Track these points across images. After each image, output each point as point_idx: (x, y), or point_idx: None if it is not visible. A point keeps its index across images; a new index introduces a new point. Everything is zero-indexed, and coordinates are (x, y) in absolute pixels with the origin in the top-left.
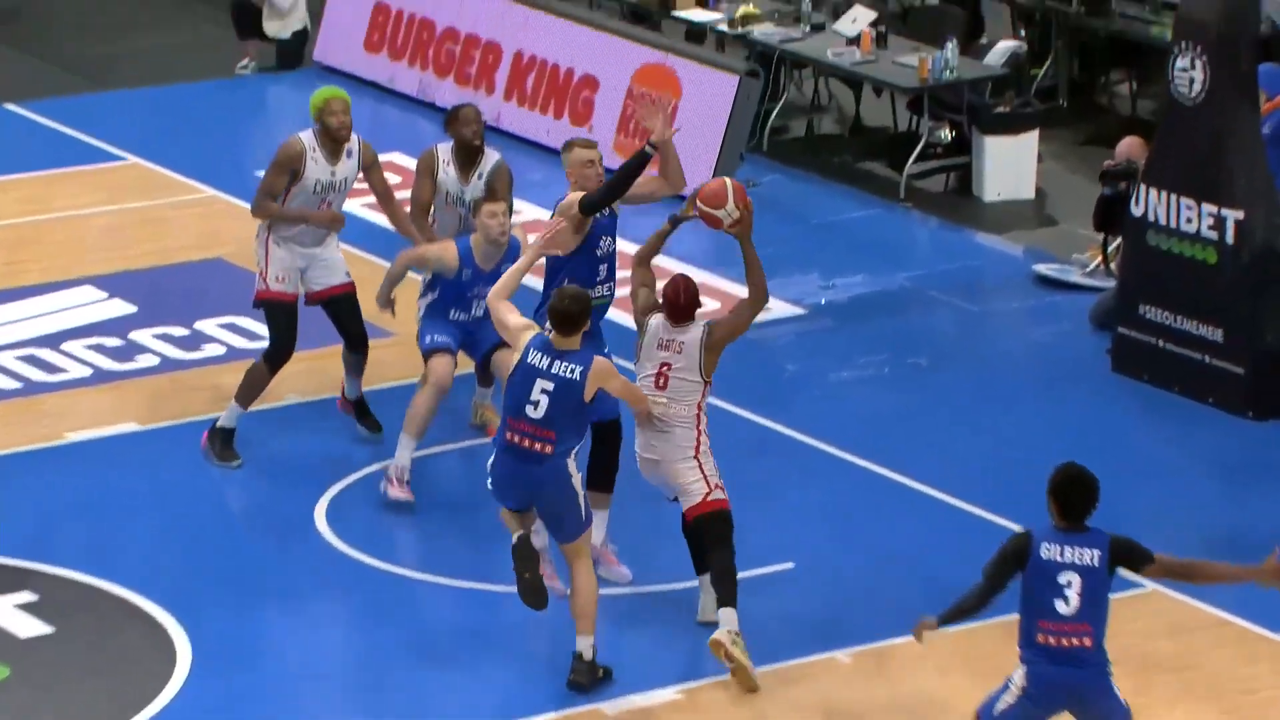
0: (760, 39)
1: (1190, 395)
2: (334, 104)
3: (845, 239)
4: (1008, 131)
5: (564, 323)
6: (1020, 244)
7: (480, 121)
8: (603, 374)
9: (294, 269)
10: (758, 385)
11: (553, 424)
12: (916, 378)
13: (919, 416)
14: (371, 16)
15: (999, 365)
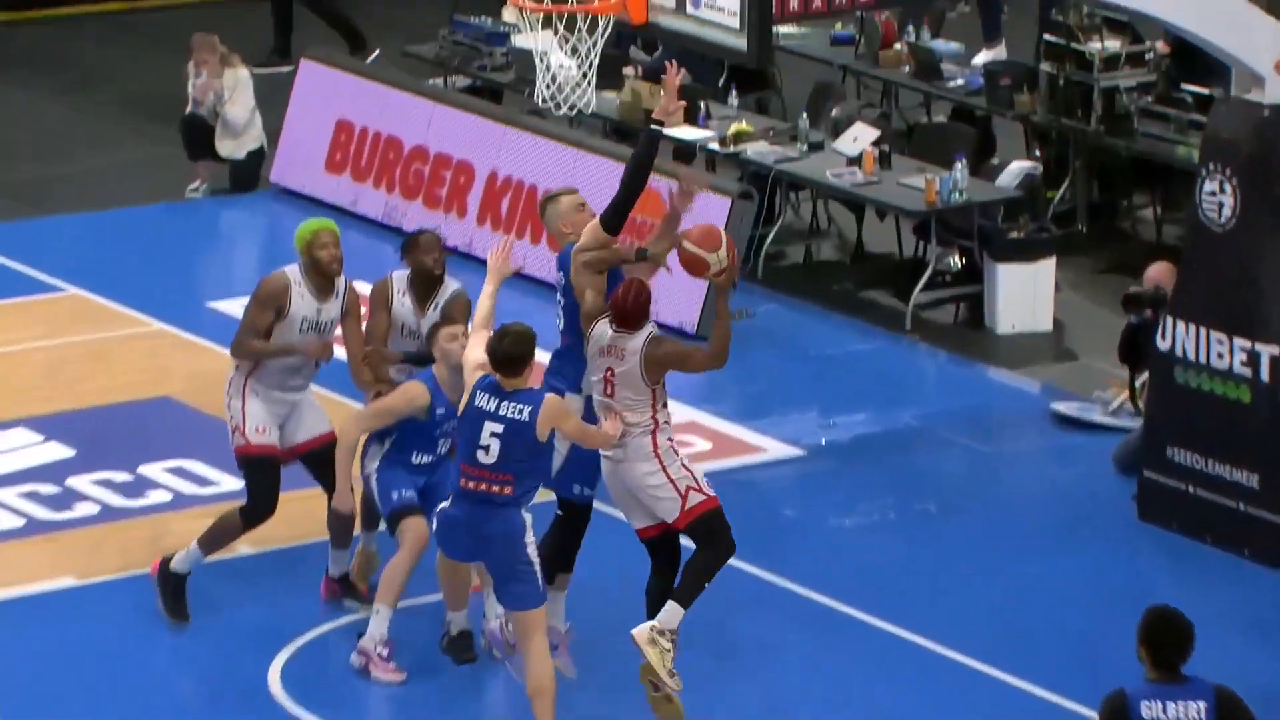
0: (754, 158)
1: (1223, 546)
2: (324, 236)
3: (847, 373)
4: (1022, 259)
5: (505, 364)
6: (1037, 380)
7: (442, 248)
8: (555, 414)
9: (273, 419)
10: (752, 532)
11: (507, 467)
12: (925, 525)
13: (927, 568)
14: (333, 135)
15: (1014, 512)
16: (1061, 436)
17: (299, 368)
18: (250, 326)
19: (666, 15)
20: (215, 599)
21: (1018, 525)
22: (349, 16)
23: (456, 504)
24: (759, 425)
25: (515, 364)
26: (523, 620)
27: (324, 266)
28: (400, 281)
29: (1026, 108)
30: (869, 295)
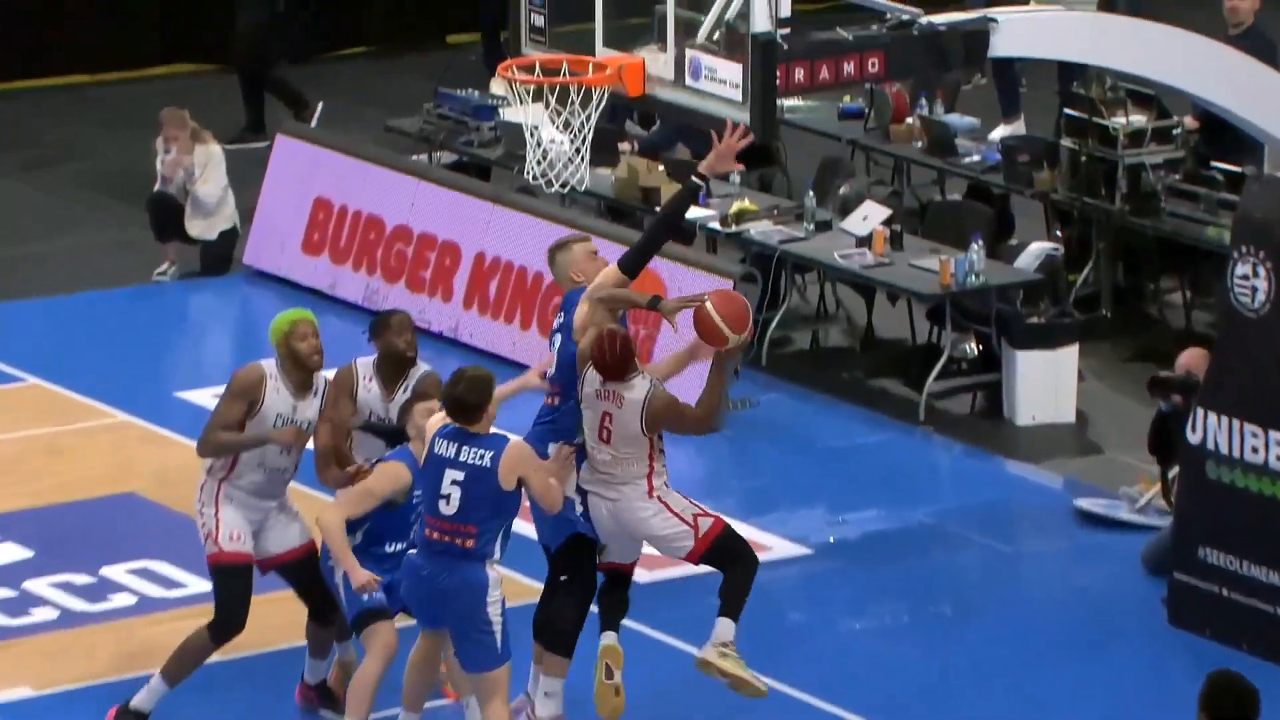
0: (757, 238)
1: (1260, 654)
2: (302, 326)
3: (856, 467)
4: (1043, 345)
5: (458, 410)
6: (1059, 474)
7: (414, 330)
8: (518, 460)
9: (248, 526)
10: (756, 636)
11: (469, 518)
12: (940, 630)
13: (942, 675)
14: (310, 214)
15: (1035, 616)
16: (1086, 535)
17: (278, 470)
18: (219, 421)
19: (664, 88)
20: (182, 710)
21: (1039, 630)
22: (284, 80)
23: (420, 553)
24: (763, 522)
25: (469, 411)
26: (481, 683)
27: (303, 359)
28: (365, 367)
29: (1047, 185)
30: (880, 384)
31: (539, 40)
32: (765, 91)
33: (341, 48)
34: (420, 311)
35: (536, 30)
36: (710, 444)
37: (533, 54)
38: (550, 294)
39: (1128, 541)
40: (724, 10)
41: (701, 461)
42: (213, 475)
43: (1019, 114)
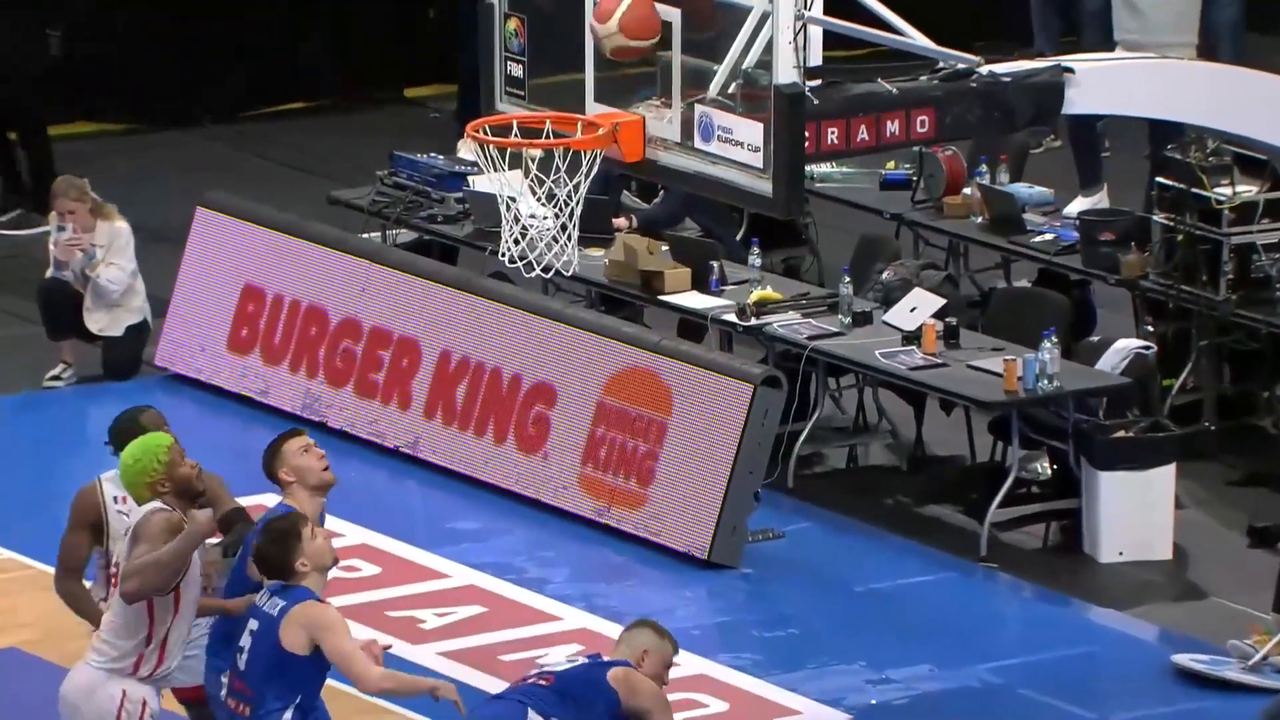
0: (782, 334)
1: None
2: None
3: (904, 613)
4: (1131, 465)
5: (264, 567)
6: (1152, 624)
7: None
8: (310, 620)
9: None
10: None
11: (249, 679)
12: None
13: None
14: (238, 304)
15: None
16: (1188, 698)
17: None
18: None
19: (669, 151)
20: None
21: None
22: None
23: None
24: (789, 680)
25: (272, 567)
26: None
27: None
28: (115, 485)
29: (1135, 270)
30: (932, 512)
31: (517, 95)
32: (792, 156)
33: (276, 102)
34: (372, 423)
35: (514, 82)
36: (725, 584)
37: (509, 111)
38: (530, 401)
39: (1238, 706)
40: (741, 58)
41: (715, 606)
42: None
43: (1101, 184)
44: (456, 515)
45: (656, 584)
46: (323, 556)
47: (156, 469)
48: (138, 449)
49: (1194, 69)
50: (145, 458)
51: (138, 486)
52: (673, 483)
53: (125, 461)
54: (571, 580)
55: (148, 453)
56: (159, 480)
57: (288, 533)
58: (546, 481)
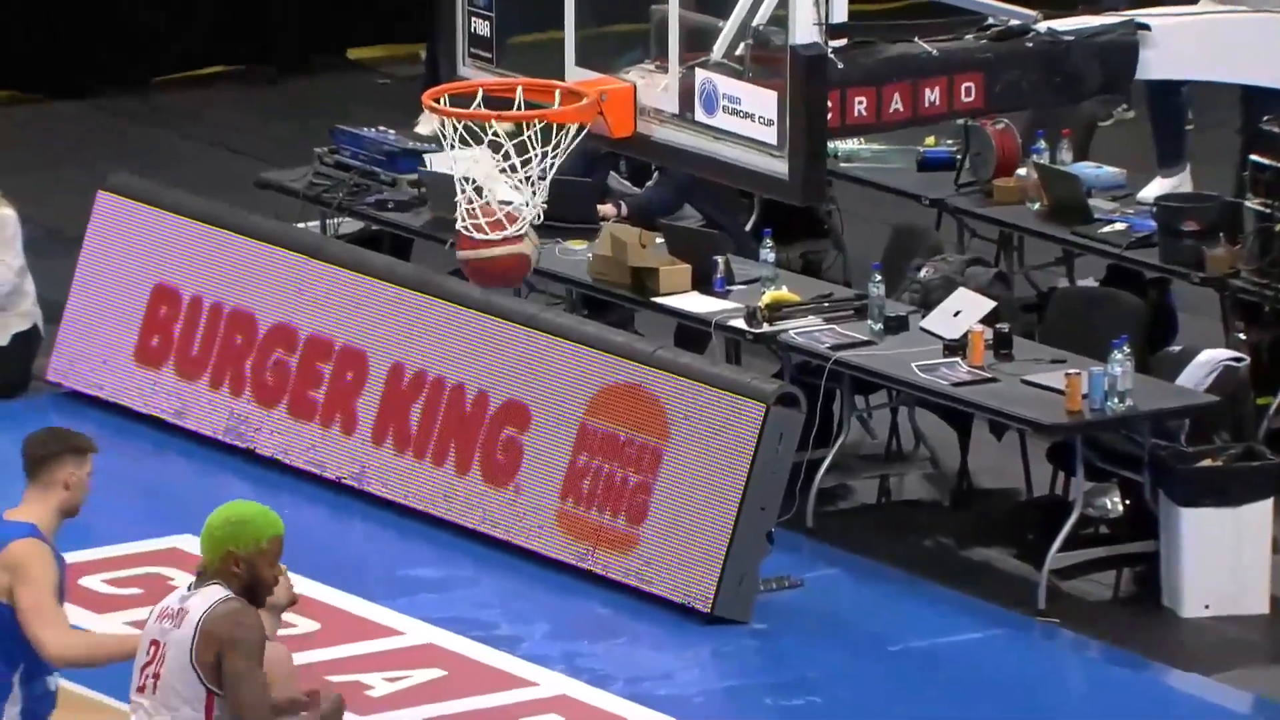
0: (801, 342)
1: None
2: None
3: (947, 677)
4: (1220, 501)
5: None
6: (1246, 691)
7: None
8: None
9: None
10: None
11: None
12: None
13: None
14: (148, 308)
15: None
16: None
17: None
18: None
19: (664, 125)
20: None
21: None
22: None
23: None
24: None
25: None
26: None
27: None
28: None
29: (1224, 266)
30: (980, 555)
31: (483, 57)
32: (811, 130)
33: (194, 67)
34: (309, 450)
35: (479, 42)
36: (732, 641)
37: (474, 77)
38: (499, 423)
39: None
40: (750, 13)
41: (720, 668)
42: None
43: (1183, 163)
44: (411, 560)
45: (650, 642)
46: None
47: (252, 547)
48: (252, 511)
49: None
50: (252, 526)
51: (216, 546)
52: (669, 521)
53: (229, 515)
54: (549, 638)
55: (258, 524)
56: (242, 559)
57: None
58: (519, 520)
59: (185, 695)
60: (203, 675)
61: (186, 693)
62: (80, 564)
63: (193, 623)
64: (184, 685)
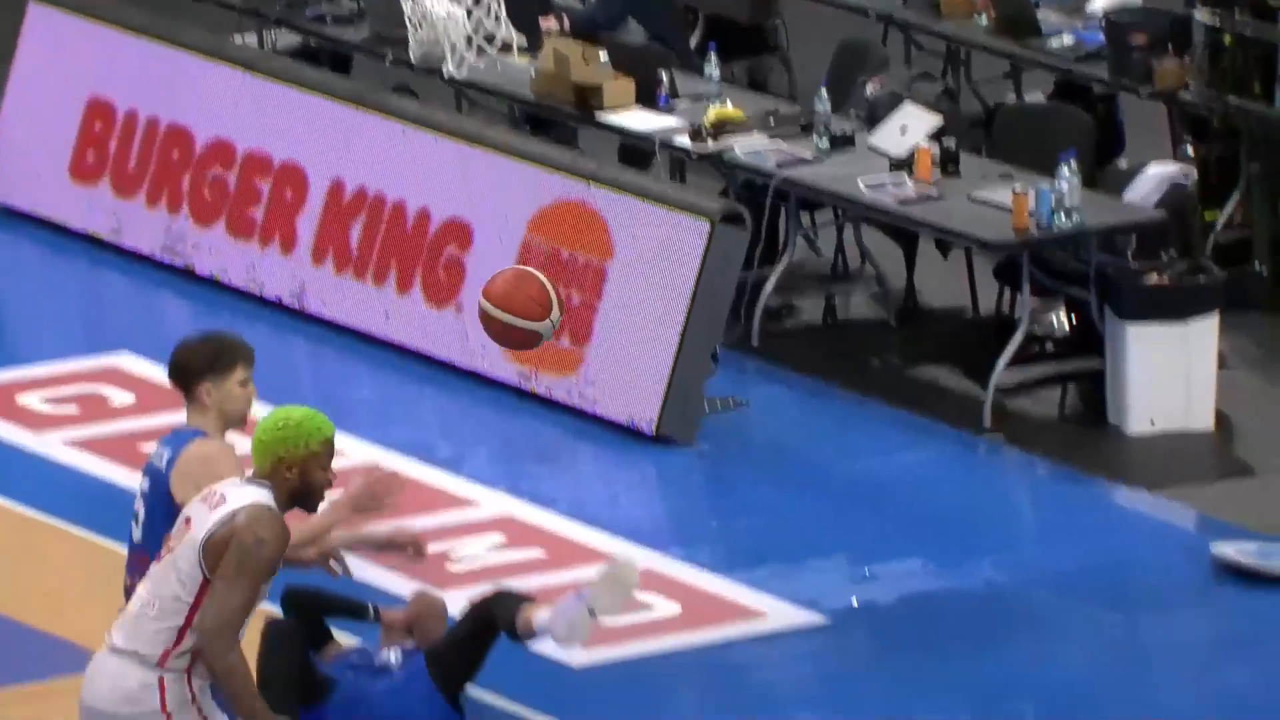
0: (746, 160)
1: None
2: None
3: (891, 498)
4: (1166, 317)
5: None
6: (1190, 507)
7: None
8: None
9: None
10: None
11: (149, 547)
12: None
13: None
14: (83, 122)
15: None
16: (1231, 597)
17: None
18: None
19: None
20: None
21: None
22: None
23: None
24: (754, 578)
25: (175, 377)
26: None
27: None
28: None
29: (1172, 81)
30: (926, 375)
31: None
32: None
33: None
34: (248, 269)
35: None
36: (677, 464)
37: None
38: (442, 241)
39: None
40: None
41: (665, 490)
42: (170, 668)
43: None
44: (351, 381)
45: (594, 463)
46: (236, 401)
47: (303, 450)
48: (301, 415)
49: None
50: (302, 430)
51: (266, 451)
52: (613, 341)
53: (276, 420)
54: (492, 460)
55: (307, 427)
56: (293, 464)
57: (194, 349)
58: (461, 340)
59: (184, 575)
60: (205, 563)
61: (185, 573)
62: (18, 382)
63: (224, 512)
64: (187, 564)
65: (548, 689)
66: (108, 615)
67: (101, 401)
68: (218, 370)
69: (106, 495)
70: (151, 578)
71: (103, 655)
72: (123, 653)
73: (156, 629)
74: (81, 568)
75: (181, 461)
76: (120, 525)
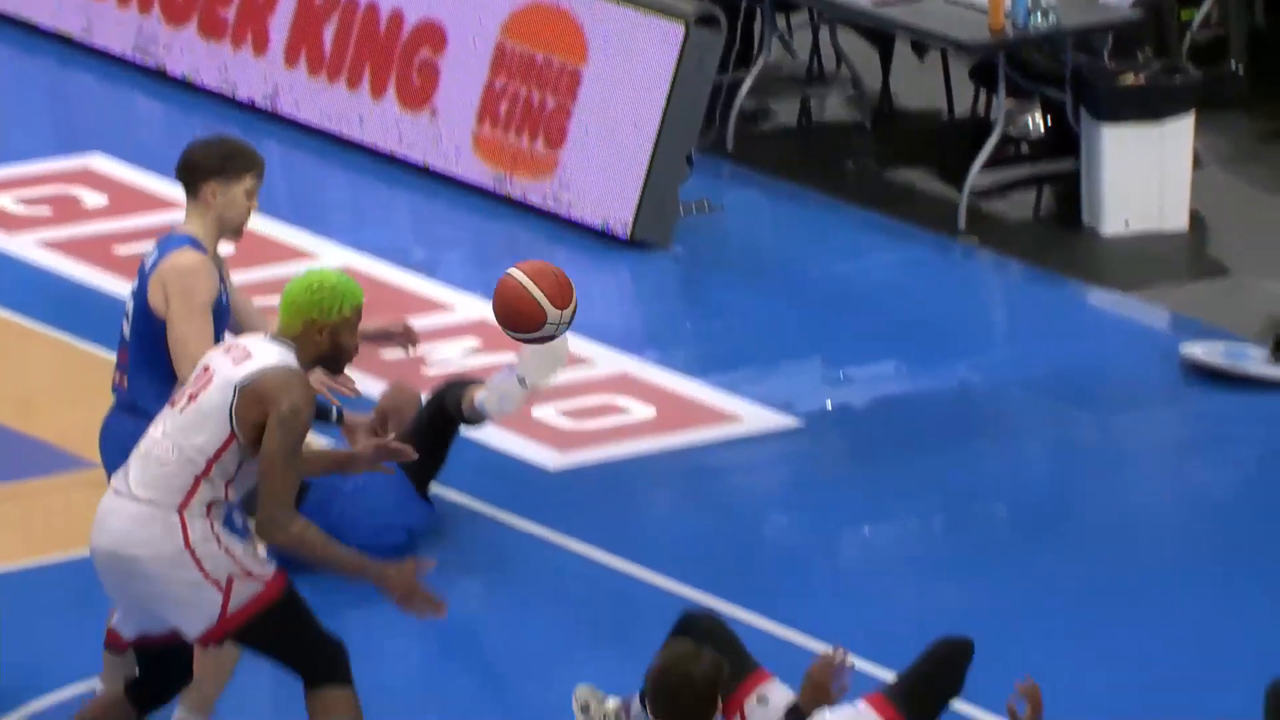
0: None
1: None
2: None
3: (865, 301)
4: (1141, 116)
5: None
6: (1164, 308)
7: None
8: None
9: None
10: (722, 546)
11: (131, 345)
12: (989, 543)
13: (993, 611)
14: None
15: (1130, 524)
16: (1202, 398)
17: None
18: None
19: None
20: None
21: (1136, 546)
22: None
23: None
24: (728, 381)
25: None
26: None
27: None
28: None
29: None
30: (901, 177)
31: None
32: None
33: None
34: (220, 70)
35: None
36: (652, 267)
37: None
38: (415, 45)
39: (1263, 406)
40: None
41: (639, 292)
42: (191, 513)
43: None
44: (326, 184)
45: (568, 267)
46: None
47: (335, 315)
48: (334, 279)
49: None
50: (335, 294)
51: (297, 313)
52: (588, 144)
53: (310, 282)
54: (466, 263)
55: (341, 292)
56: (325, 327)
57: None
58: (435, 143)
59: (209, 426)
60: (235, 418)
61: (211, 424)
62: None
63: (253, 367)
64: (213, 415)
65: (522, 492)
66: (80, 416)
67: (74, 203)
68: (227, 173)
69: (78, 296)
70: (172, 425)
71: (115, 500)
72: (139, 500)
73: (174, 476)
74: (53, 369)
75: (162, 267)
76: (92, 327)
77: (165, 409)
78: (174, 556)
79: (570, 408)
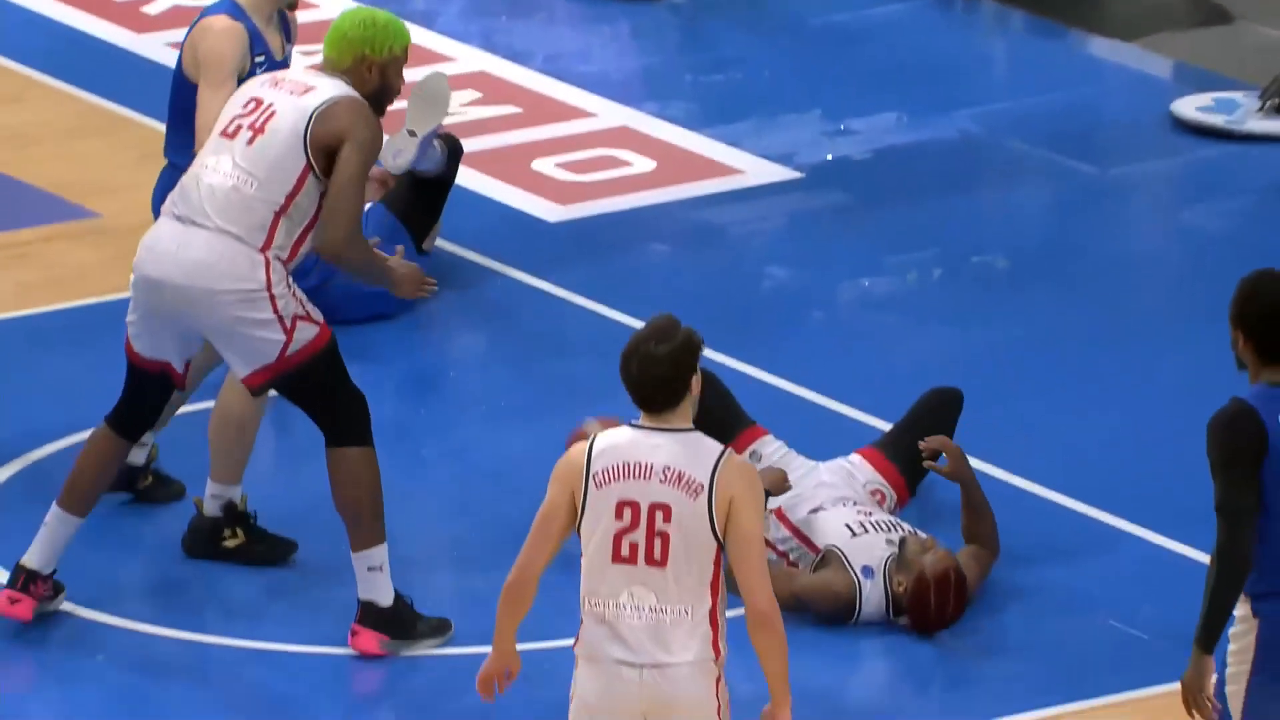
0: None
1: None
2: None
3: (866, 52)
4: None
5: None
6: (1165, 57)
7: None
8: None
9: None
10: (723, 305)
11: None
12: (986, 292)
13: (989, 360)
14: None
15: (1127, 274)
16: (1199, 150)
17: None
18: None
19: None
20: None
21: (1132, 295)
22: None
23: None
24: (729, 134)
25: None
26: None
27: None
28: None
29: None
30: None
31: None
32: None
33: None
34: None
35: None
36: (652, 19)
37: None
38: None
39: (1262, 160)
40: None
41: (640, 45)
42: (274, 255)
43: None
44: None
45: (568, 18)
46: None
47: (386, 52)
48: (386, 17)
49: None
50: (388, 31)
51: (349, 47)
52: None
53: (363, 16)
54: (465, 14)
55: (393, 30)
56: (375, 64)
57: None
58: None
59: (285, 156)
60: (309, 145)
61: (286, 152)
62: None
63: (322, 98)
64: (289, 144)
65: (522, 243)
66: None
67: None
68: None
69: (83, 45)
70: (242, 155)
71: (187, 231)
72: (222, 231)
73: (253, 211)
74: (56, 115)
75: (198, 28)
76: (95, 78)
77: (220, 140)
78: (252, 293)
79: (570, 160)
